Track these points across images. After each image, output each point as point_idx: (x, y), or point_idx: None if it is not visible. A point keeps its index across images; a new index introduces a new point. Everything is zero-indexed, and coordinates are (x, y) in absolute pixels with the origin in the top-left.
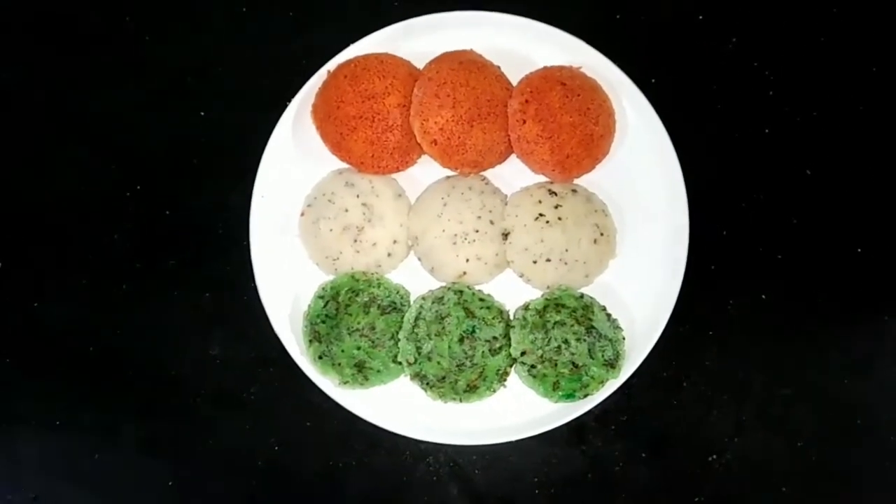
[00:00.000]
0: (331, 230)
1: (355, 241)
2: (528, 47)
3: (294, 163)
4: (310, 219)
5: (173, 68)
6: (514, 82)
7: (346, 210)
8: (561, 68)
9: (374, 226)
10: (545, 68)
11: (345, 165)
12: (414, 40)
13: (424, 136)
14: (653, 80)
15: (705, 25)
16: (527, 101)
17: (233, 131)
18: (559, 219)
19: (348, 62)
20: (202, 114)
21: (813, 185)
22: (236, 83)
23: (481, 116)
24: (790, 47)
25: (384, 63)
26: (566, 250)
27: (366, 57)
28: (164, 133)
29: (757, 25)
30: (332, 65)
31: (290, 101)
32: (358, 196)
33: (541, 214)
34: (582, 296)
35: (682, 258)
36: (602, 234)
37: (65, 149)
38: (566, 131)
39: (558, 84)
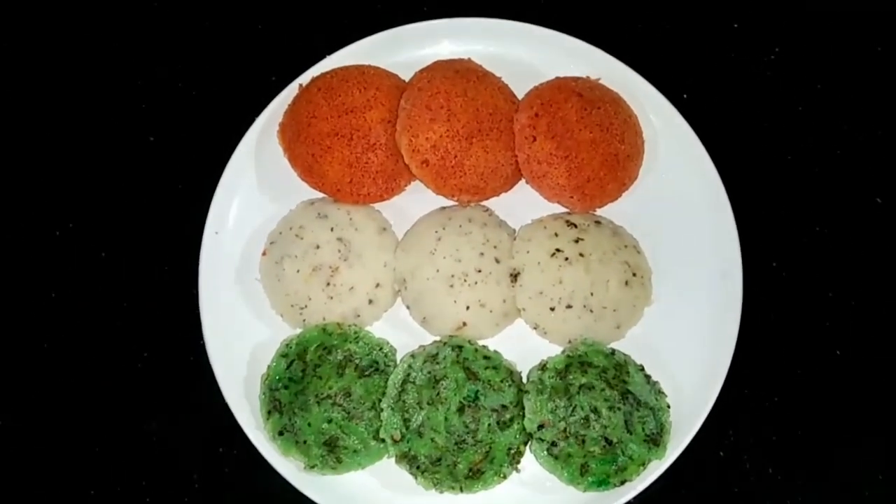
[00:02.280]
0: (298, 271)
1: (328, 284)
2: (535, 58)
3: (256, 192)
4: (272, 258)
5: (120, 86)
6: (520, 96)
7: (318, 247)
8: (576, 79)
9: (352, 266)
10: (557, 79)
11: (318, 194)
12: (401, 52)
13: (414, 156)
14: (684, 96)
15: (742, 34)
16: (537, 114)
17: (185, 158)
18: (581, 255)
19: (323, 74)
20: (150, 138)
21: (886, 215)
22: (193, 103)
23: (482, 132)
24: (843, 57)
25: (365, 74)
26: (591, 294)
27: (344, 68)
28: (102, 160)
29: (802, 33)
30: (304, 78)
31: (253, 120)
32: (332, 230)
33: (558, 250)
34: (613, 352)
35: (734, 305)
36: (634, 275)
37: None
38: (585, 150)
39: (574, 95)
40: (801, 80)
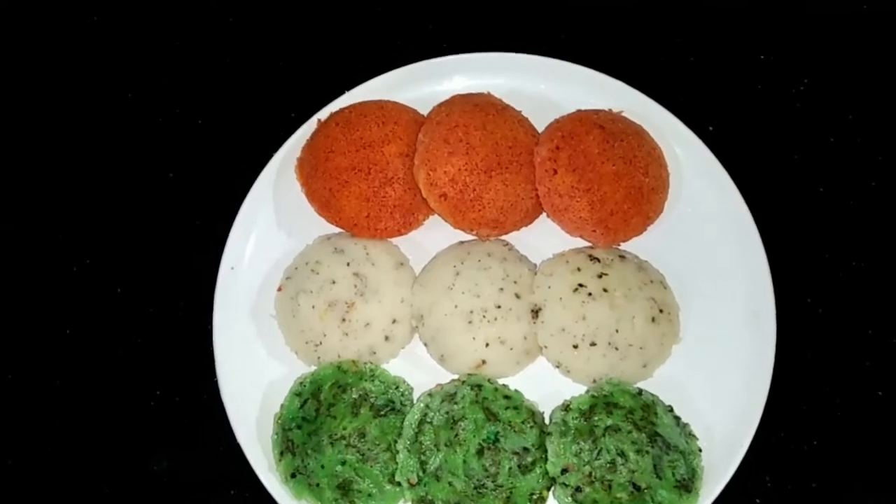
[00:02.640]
0: (313, 307)
1: (343, 320)
2: (555, 92)
3: (273, 227)
4: (288, 294)
5: (140, 122)
6: (540, 129)
7: (333, 282)
8: (597, 112)
9: (368, 301)
10: (578, 112)
11: (335, 229)
12: (420, 87)
13: (432, 190)
14: (710, 128)
15: (770, 65)
16: (558, 147)
17: (203, 193)
18: (605, 291)
19: (342, 109)
20: (170, 174)
21: None
22: (212, 139)
23: (501, 165)
24: (874, 87)
25: (384, 109)
26: (616, 331)
27: (363, 103)
28: (121, 196)
29: (832, 63)
30: (323, 114)
31: (272, 156)
32: (349, 265)
33: (580, 285)
34: (640, 392)
35: (768, 344)
36: (661, 312)
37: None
38: (608, 183)
39: (596, 127)
40: (831, 110)
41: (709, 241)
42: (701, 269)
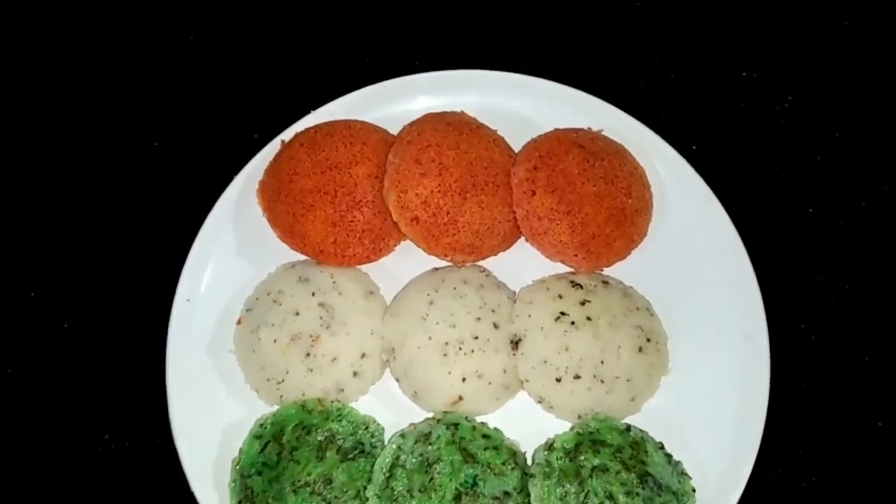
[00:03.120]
0: (275, 341)
1: (308, 355)
2: (532, 110)
3: (233, 256)
4: (248, 327)
5: (92, 141)
6: (517, 149)
7: (297, 314)
8: (576, 130)
9: (335, 334)
10: (556, 131)
11: (299, 257)
12: (390, 106)
13: (403, 213)
14: (693, 147)
15: (753, 82)
16: (536, 167)
17: (159, 220)
18: (588, 319)
19: (307, 129)
20: (124, 200)
21: None
22: (170, 162)
23: (476, 187)
24: (861, 104)
25: (352, 128)
26: (601, 363)
27: (330, 123)
28: (67, 224)
29: (817, 79)
30: (287, 134)
31: (231, 181)
32: (314, 294)
33: (562, 314)
34: (628, 428)
35: (762, 373)
36: (648, 341)
37: None
38: (589, 204)
39: (575, 147)
40: (817, 127)
41: (696, 265)
42: (688, 295)
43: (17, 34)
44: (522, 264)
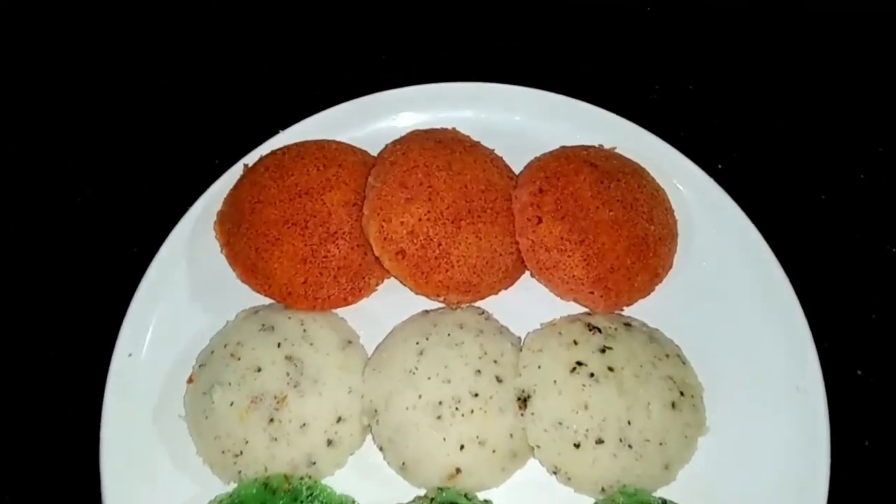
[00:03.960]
0: (232, 404)
1: (272, 421)
2: (532, 126)
3: (185, 301)
4: (200, 387)
5: (25, 171)
6: (517, 169)
7: (259, 370)
8: (586, 148)
9: (305, 394)
10: (563, 148)
11: (263, 300)
12: (368, 124)
13: (386, 246)
14: (719, 166)
15: (784, 92)
16: (541, 189)
17: (100, 258)
18: (610, 370)
19: (274, 152)
20: (63, 233)
21: None
22: (116, 192)
23: (472, 214)
24: None
25: (325, 149)
26: (628, 423)
27: (300, 144)
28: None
29: (859, 88)
30: (252, 158)
31: (185, 212)
32: (280, 346)
33: (579, 363)
34: (664, 503)
35: (819, 430)
36: (682, 395)
37: None
38: (606, 232)
39: (586, 166)
40: (859, 142)
41: (731, 303)
42: (724, 339)
43: None
44: (528, 305)
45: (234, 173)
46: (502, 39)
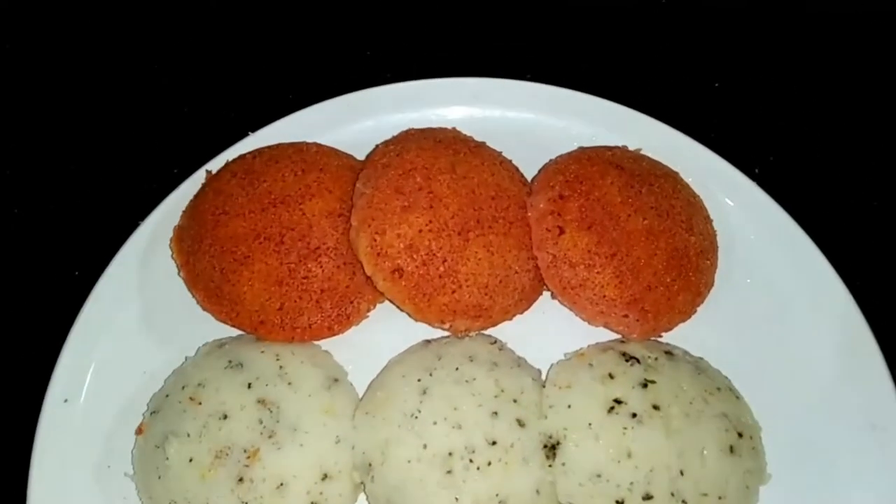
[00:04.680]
0: (191, 460)
1: (241, 480)
2: (543, 126)
3: (133, 333)
4: (152, 439)
5: None
6: (529, 174)
7: (225, 417)
8: (609, 148)
9: (283, 446)
10: (583, 150)
11: (230, 331)
12: (354, 123)
13: (380, 263)
14: (756, 171)
15: (824, 85)
16: (561, 195)
17: (37, 282)
18: (655, 409)
19: (243, 156)
20: None
21: None
22: (60, 205)
23: (482, 224)
24: None
25: (304, 152)
26: (680, 473)
27: (274, 147)
28: None
29: None
30: (217, 164)
31: (136, 228)
32: (250, 387)
33: (617, 402)
34: None
35: None
36: (740, 436)
37: None
38: (640, 244)
39: (612, 168)
40: None
41: (784, 326)
42: (778, 368)
43: None
44: (549, 331)
45: (195, 181)
46: (504, 32)
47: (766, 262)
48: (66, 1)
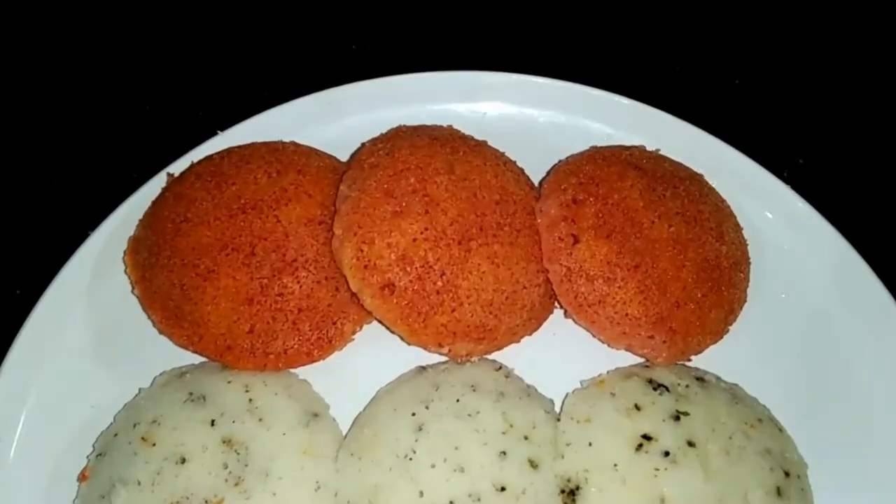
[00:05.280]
0: None
1: None
2: (549, 125)
3: (75, 357)
4: (97, 487)
5: None
6: (535, 177)
7: (183, 461)
8: (626, 148)
9: (252, 496)
10: (596, 149)
11: (191, 358)
12: (335, 121)
13: (367, 277)
14: (785, 174)
15: (856, 75)
16: (575, 199)
17: None
18: (690, 446)
19: (209, 157)
20: None
21: None
22: (4, 221)
23: (485, 232)
24: None
25: (279, 153)
26: None
27: (245, 147)
28: None
29: None
30: (180, 166)
31: (85, 239)
32: (214, 424)
33: (646, 438)
34: None
35: None
36: (787, 476)
37: None
38: (667, 255)
39: (631, 169)
40: None
41: (826, 347)
42: (821, 395)
43: None
44: (563, 355)
45: (154, 186)
46: (505, 25)
47: (804, 275)
48: None
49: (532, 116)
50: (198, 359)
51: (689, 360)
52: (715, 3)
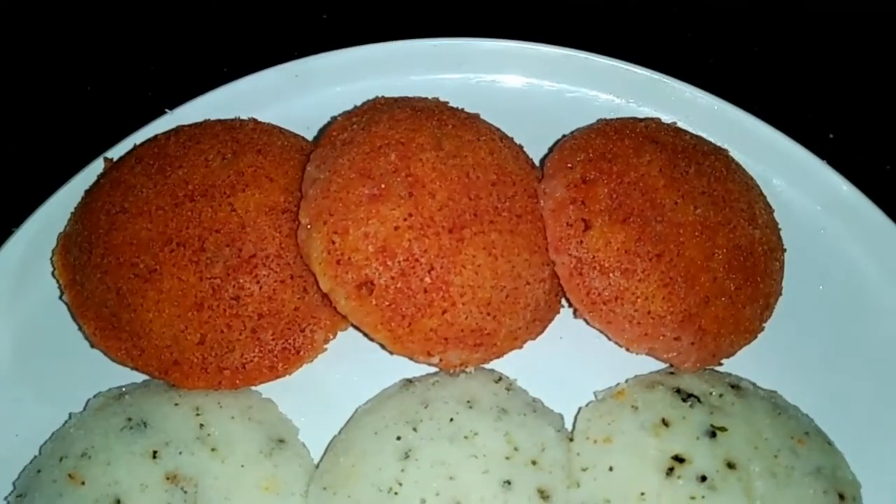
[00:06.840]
0: None
1: None
2: (549, 97)
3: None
4: None
5: None
6: (535, 155)
7: (117, 502)
8: (640, 120)
9: None
10: (605, 122)
11: (132, 376)
12: (301, 96)
13: (341, 275)
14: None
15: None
16: (584, 178)
17: None
18: (730, 468)
19: (154, 138)
20: None
21: None
22: None
23: (480, 218)
24: None
25: (236, 131)
26: None
27: (195, 125)
28: None
29: None
30: (121, 149)
31: (8, 237)
32: (156, 456)
33: (678, 460)
34: None
35: None
36: (842, 499)
37: None
38: (694, 242)
39: (648, 142)
40: None
41: (875, 345)
42: (872, 401)
43: None
44: (574, 362)
45: (90, 174)
46: None
47: (845, 263)
48: None
49: (531, 87)
50: (139, 377)
51: (720, 364)
52: None
